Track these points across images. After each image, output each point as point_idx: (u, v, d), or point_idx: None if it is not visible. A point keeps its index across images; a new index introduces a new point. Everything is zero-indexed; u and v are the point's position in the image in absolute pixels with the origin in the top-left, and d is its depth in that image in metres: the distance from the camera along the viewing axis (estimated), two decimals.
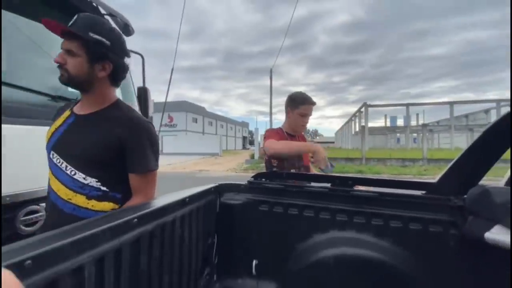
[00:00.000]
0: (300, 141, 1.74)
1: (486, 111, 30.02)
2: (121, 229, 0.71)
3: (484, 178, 1.01)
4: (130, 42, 2.06)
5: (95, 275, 0.62)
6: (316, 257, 1.13)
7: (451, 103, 26.06)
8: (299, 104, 1.65)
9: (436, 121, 40.19)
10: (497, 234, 0.79)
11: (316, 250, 1.14)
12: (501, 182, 1.07)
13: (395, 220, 1.09)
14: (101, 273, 0.65)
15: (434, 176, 9.84)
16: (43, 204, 1.19)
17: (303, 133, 1.83)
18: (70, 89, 1.59)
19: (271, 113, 18.88)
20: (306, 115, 1.65)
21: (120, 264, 0.70)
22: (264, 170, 1.47)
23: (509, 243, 0.74)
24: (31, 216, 1.15)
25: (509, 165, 1.11)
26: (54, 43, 1.50)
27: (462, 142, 28.44)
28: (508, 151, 0.95)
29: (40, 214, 1.17)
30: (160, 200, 0.95)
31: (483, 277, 0.95)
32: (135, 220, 0.76)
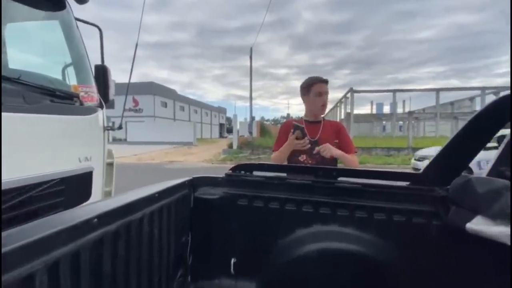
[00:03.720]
0: (326, 127, 1.84)
1: (471, 99, 32.06)
2: (78, 230, 0.68)
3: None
4: (84, 11, 1.93)
5: (48, 283, 0.60)
6: (299, 253, 1.16)
7: (437, 90, 27.50)
8: (310, 86, 1.81)
9: (422, 108, 42.29)
10: (478, 225, 0.86)
11: (299, 245, 1.17)
12: (484, 171, 1.16)
13: (378, 212, 1.14)
14: (55, 281, 0.62)
15: None
16: None
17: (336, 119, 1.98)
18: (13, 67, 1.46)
19: (251, 98, 18.78)
20: (321, 94, 1.80)
21: (78, 270, 0.68)
22: (243, 161, 1.48)
23: (489, 234, 0.81)
24: None
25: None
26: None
27: (447, 130, 30.31)
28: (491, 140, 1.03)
29: None
30: (126, 197, 0.92)
31: (466, 267, 1.04)
32: (95, 220, 0.73)
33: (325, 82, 1.82)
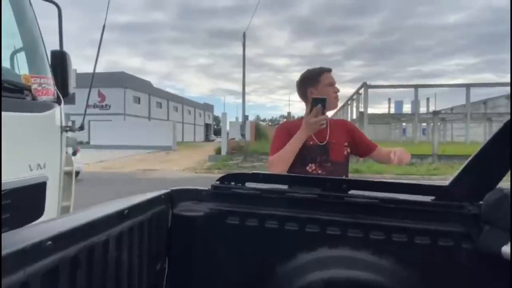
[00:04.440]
0: (333, 128, 1.90)
1: (508, 97, 32.78)
2: (28, 255, 0.67)
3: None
4: None
5: None
6: (301, 283, 1.17)
7: (468, 86, 28.00)
8: (318, 77, 1.89)
9: (450, 107, 43.03)
10: None
11: (301, 274, 1.18)
12: None
13: (398, 233, 1.16)
14: None
15: (445, 176, 10.67)
16: None
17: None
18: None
19: (244, 93, 18.89)
20: (332, 83, 1.90)
21: None
22: (233, 170, 1.49)
23: None
24: None
25: None
26: None
27: (479, 134, 30.86)
28: None
29: None
30: (88, 214, 0.92)
31: None
32: (49, 242, 0.72)
33: (331, 71, 1.93)
